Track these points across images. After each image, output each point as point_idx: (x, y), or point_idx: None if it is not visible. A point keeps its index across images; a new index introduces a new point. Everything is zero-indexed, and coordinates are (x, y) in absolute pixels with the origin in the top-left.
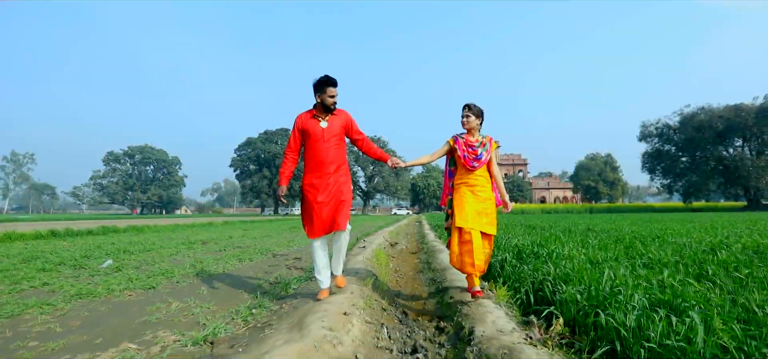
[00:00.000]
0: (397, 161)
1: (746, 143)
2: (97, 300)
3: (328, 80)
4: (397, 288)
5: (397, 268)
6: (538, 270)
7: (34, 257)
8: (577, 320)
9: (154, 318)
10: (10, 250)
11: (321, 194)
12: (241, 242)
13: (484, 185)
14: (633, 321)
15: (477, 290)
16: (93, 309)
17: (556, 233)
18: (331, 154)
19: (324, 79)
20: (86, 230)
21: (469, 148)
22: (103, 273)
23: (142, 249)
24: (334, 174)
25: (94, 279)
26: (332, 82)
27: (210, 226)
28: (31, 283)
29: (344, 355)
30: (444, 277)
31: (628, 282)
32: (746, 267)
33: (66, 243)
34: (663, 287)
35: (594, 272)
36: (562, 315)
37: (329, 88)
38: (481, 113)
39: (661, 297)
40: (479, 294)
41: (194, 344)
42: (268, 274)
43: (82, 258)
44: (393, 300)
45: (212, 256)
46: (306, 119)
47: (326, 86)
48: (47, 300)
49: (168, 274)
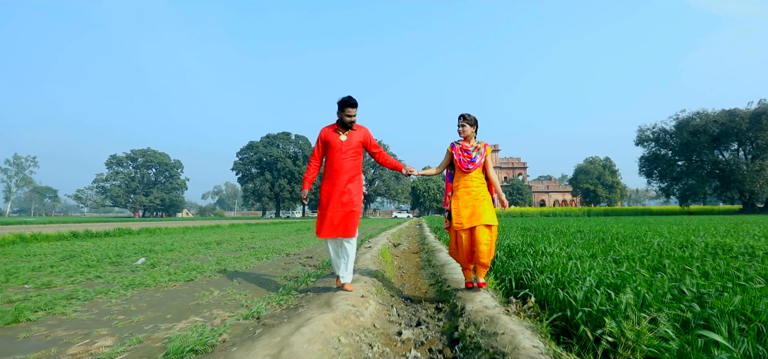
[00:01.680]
0: (410, 169)
1: (741, 147)
2: (151, 289)
3: (348, 101)
4: (401, 282)
5: (401, 266)
6: (520, 264)
7: (72, 255)
8: (547, 298)
9: (204, 302)
10: (43, 250)
11: (335, 199)
12: (252, 244)
13: (480, 187)
14: (581, 296)
15: (470, 282)
16: (151, 296)
17: (548, 235)
18: (348, 164)
19: (345, 100)
20: (103, 231)
21: (464, 152)
22: (139, 269)
23: (165, 249)
24: (349, 183)
25: (136, 274)
26: (352, 103)
27: (218, 228)
28: (86, 276)
29: (365, 323)
30: (443, 272)
31: (586, 270)
32: (698, 261)
33: (90, 244)
34: (619, 274)
35: (567, 264)
36: (535, 295)
37: (348, 109)
38: (475, 121)
39: (611, 280)
40: (470, 286)
41: (245, 318)
42: (286, 270)
43: (115, 257)
44: (399, 289)
45: (231, 255)
46: (328, 132)
47: (346, 107)
48: (108, 289)
49: (199, 270)
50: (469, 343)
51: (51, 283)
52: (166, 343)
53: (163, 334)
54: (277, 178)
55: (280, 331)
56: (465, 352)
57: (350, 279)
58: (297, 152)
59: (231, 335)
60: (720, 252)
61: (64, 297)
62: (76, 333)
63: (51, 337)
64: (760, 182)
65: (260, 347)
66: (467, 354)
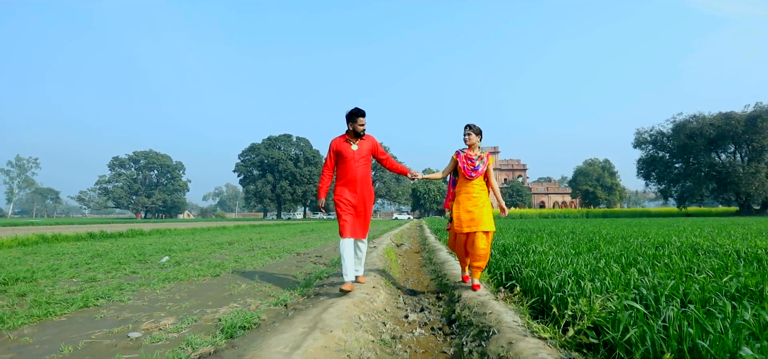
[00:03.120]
0: (415, 173)
1: (737, 150)
2: (185, 283)
3: (358, 112)
4: (405, 277)
5: (404, 264)
6: (510, 261)
7: (100, 254)
8: (530, 287)
9: (235, 293)
10: (68, 249)
11: (349, 204)
12: (262, 244)
13: (480, 193)
14: (556, 284)
15: (466, 275)
16: (187, 288)
17: (542, 235)
18: (359, 171)
19: (355, 111)
20: (118, 232)
21: (468, 161)
22: (165, 266)
23: (182, 249)
24: (361, 187)
25: (167, 270)
26: (362, 113)
27: (224, 230)
28: (122, 272)
29: (378, 308)
30: (443, 269)
31: (566, 265)
32: (667, 258)
33: (109, 244)
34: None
35: (548, 260)
36: (521, 285)
37: (359, 118)
38: (480, 131)
39: (583, 272)
40: (466, 280)
41: (274, 305)
42: (299, 267)
43: (140, 256)
44: (404, 284)
45: (246, 254)
46: (340, 142)
47: (357, 117)
48: (148, 282)
49: (221, 266)
50: (463, 321)
51: (95, 278)
52: (217, 322)
53: (210, 316)
54: (278, 180)
55: (311, 312)
56: (460, 328)
57: (362, 271)
58: (298, 154)
59: (268, 316)
60: (688, 251)
61: (114, 288)
62: (139, 314)
63: (121, 317)
64: (756, 185)
65: (298, 323)
66: (462, 329)
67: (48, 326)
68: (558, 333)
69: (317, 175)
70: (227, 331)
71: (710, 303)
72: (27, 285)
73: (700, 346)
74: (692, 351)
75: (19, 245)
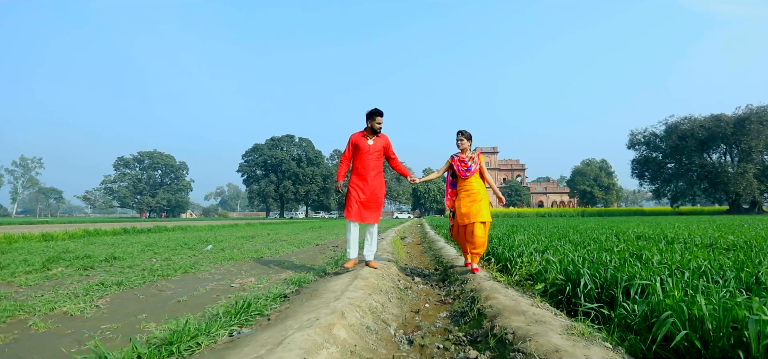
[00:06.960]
0: (414, 178)
1: (727, 151)
2: (239, 262)
3: (377, 112)
4: (411, 260)
5: (409, 252)
6: (494, 245)
7: (151, 244)
8: (500, 257)
9: (282, 267)
10: (113, 241)
11: (362, 192)
12: (280, 238)
13: (479, 189)
14: (515, 254)
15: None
16: (244, 265)
17: (529, 230)
18: (373, 164)
19: (374, 111)
20: (146, 229)
21: (461, 163)
22: (210, 253)
23: (215, 241)
24: (374, 178)
25: (212, 256)
26: (380, 113)
27: (236, 227)
28: (184, 255)
29: (392, 275)
30: (440, 254)
31: (526, 243)
32: (620, 244)
33: (144, 237)
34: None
35: (522, 243)
36: (495, 258)
37: (377, 117)
38: (470, 136)
39: (537, 248)
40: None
41: (317, 274)
42: (322, 253)
43: (185, 245)
44: (410, 264)
45: (274, 244)
46: (358, 137)
47: (375, 116)
48: (213, 261)
49: (258, 253)
50: (452, 279)
51: (170, 258)
52: (285, 279)
53: (275, 278)
54: (281, 179)
55: (348, 275)
56: (450, 283)
57: (373, 256)
58: (300, 154)
59: (314, 279)
60: (642, 240)
61: (193, 264)
62: (227, 277)
63: (217, 278)
64: (744, 184)
65: (340, 280)
66: (450, 283)
67: (172, 281)
68: (510, 279)
69: (319, 175)
70: (296, 282)
71: (604, 262)
72: (125, 262)
73: (570, 271)
74: (577, 281)
75: (70, 238)
